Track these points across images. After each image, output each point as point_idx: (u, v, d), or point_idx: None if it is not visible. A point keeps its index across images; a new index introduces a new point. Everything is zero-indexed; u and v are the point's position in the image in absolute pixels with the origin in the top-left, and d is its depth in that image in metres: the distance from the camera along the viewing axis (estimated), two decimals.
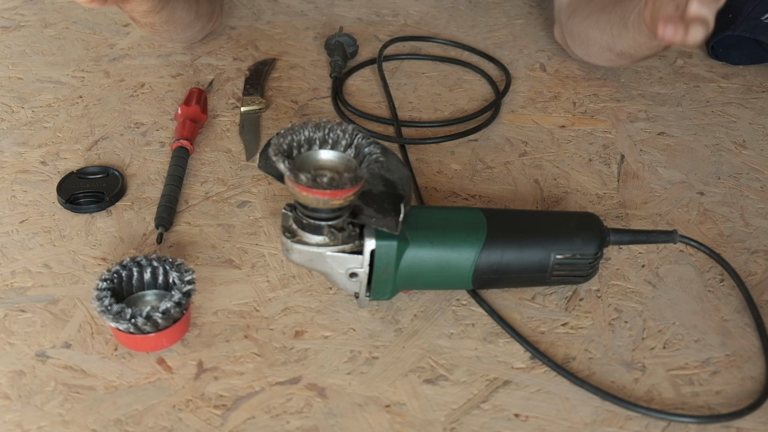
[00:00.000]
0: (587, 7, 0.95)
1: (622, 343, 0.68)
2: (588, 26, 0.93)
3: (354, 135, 0.63)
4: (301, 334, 0.68)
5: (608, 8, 0.90)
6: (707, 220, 0.80)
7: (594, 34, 0.92)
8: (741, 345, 0.68)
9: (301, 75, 1.01)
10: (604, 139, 0.91)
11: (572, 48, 1.00)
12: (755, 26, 1.00)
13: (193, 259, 0.75)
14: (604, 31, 0.89)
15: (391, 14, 1.15)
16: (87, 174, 0.83)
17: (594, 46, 0.94)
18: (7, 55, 1.04)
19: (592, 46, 0.94)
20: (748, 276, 0.74)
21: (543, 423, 0.61)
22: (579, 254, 0.68)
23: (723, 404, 0.63)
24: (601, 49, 0.92)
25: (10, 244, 0.76)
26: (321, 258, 0.64)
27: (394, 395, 0.63)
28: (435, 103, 0.97)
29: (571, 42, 1.00)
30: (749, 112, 0.96)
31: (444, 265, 0.66)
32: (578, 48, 0.98)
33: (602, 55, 0.94)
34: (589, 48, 0.96)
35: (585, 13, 0.95)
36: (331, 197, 0.60)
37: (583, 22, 0.95)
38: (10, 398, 0.62)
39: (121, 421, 0.60)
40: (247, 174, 0.85)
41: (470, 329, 0.69)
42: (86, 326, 0.68)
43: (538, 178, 0.85)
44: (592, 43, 0.94)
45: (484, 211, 0.69)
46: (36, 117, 0.93)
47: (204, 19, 1.01)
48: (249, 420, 0.61)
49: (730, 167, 0.87)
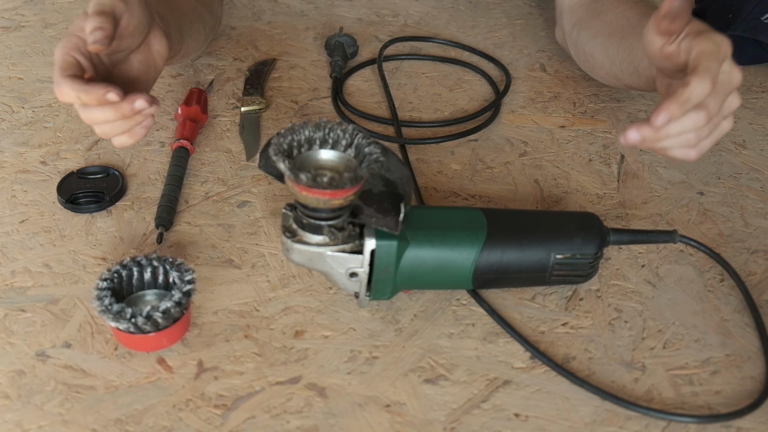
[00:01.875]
0: (593, 25, 0.90)
1: (622, 343, 0.68)
2: (594, 48, 0.89)
3: (354, 135, 0.63)
4: (301, 334, 0.68)
5: (616, 36, 0.85)
6: (707, 220, 0.80)
7: (601, 60, 0.89)
8: (741, 345, 0.68)
9: (301, 75, 1.01)
10: (604, 139, 0.91)
11: (575, 58, 0.98)
12: (755, 26, 1.00)
13: (193, 258, 0.75)
14: (613, 63, 0.85)
15: (391, 14, 1.15)
16: (87, 174, 0.83)
17: (599, 70, 0.91)
18: (7, 55, 1.04)
19: (598, 69, 0.91)
20: (748, 276, 0.74)
21: (543, 423, 0.61)
22: (579, 254, 0.68)
23: (723, 404, 0.63)
24: (607, 75, 0.89)
25: (10, 244, 0.76)
26: (321, 258, 0.64)
27: (394, 395, 0.63)
28: (435, 103, 0.97)
29: (575, 54, 0.97)
30: (749, 112, 0.96)
31: (444, 264, 0.66)
32: (582, 63, 0.96)
33: (607, 80, 0.90)
34: (594, 69, 0.92)
35: (591, 31, 0.90)
36: (331, 197, 0.60)
37: (590, 43, 0.91)
38: (10, 398, 0.62)
39: (121, 421, 0.60)
40: (247, 174, 0.85)
41: (470, 329, 0.69)
42: (86, 326, 0.68)
43: (538, 178, 0.85)
44: (597, 67, 0.91)
45: (484, 211, 0.69)
46: (36, 117, 0.93)
47: (209, 35, 1.01)
48: (249, 420, 0.61)
49: (730, 167, 0.87)
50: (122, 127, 0.70)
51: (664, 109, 0.61)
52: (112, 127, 0.70)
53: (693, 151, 0.67)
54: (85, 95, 0.67)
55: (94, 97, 0.67)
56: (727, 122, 0.67)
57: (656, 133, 0.62)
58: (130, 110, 0.68)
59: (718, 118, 0.66)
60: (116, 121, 0.69)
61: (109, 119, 0.69)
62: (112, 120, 0.69)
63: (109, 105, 0.68)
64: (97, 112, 0.68)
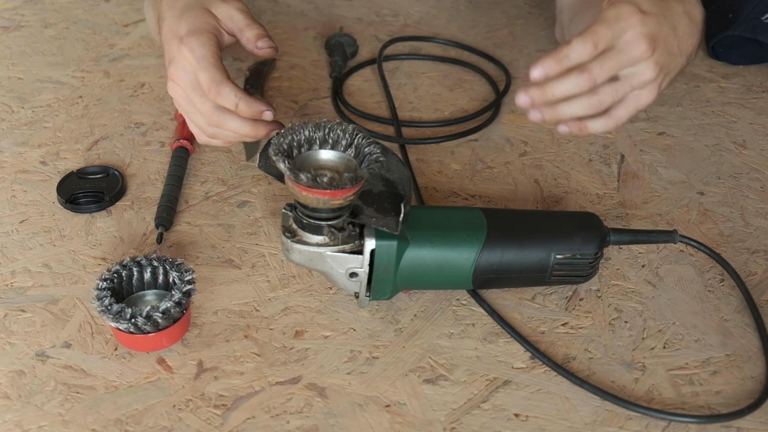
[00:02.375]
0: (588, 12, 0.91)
1: (622, 343, 0.68)
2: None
3: (354, 135, 0.63)
4: (301, 334, 0.68)
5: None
6: (707, 220, 0.80)
7: None
8: (741, 345, 0.68)
9: (301, 75, 1.01)
10: (604, 139, 0.91)
11: None
12: (755, 26, 1.00)
13: (193, 258, 0.75)
14: None
15: (391, 14, 1.15)
16: (87, 174, 0.83)
17: None
18: (7, 55, 1.04)
19: None
20: (748, 276, 0.74)
21: (543, 423, 0.61)
22: (579, 254, 0.68)
23: (723, 404, 0.63)
24: None
25: (10, 244, 0.76)
26: (321, 258, 0.64)
27: (394, 395, 0.63)
28: (435, 103, 0.97)
29: None
30: (749, 112, 0.96)
31: (444, 265, 0.66)
32: None
33: None
34: None
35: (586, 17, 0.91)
36: (331, 197, 0.60)
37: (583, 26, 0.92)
38: (10, 398, 0.62)
39: (121, 421, 0.60)
40: (247, 174, 0.85)
41: (470, 329, 0.69)
42: (86, 326, 0.68)
43: (538, 178, 0.85)
44: None
45: (484, 211, 0.69)
46: (36, 117, 0.93)
47: None
48: (249, 420, 0.61)
49: (730, 167, 0.87)
50: (239, 138, 0.73)
51: (540, 63, 0.62)
52: (233, 136, 0.73)
53: (607, 120, 0.67)
54: (246, 106, 0.69)
55: (253, 112, 0.70)
56: (646, 93, 0.68)
57: (542, 93, 0.63)
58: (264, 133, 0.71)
59: (621, 87, 0.66)
60: (245, 135, 0.72)
61: (242, 133, 0.71)
62: (242, 134, 0.72)
63: (249, 121, 0.70)
64: (234, 122, 0.71)
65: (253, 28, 0.73)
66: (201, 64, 0.69)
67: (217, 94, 0.69)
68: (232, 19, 0.74)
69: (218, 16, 0.73)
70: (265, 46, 0.74)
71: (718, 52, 1.05)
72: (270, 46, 0.74)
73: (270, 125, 0.72)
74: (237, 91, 0.69)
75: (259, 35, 0.73)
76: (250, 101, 0.69)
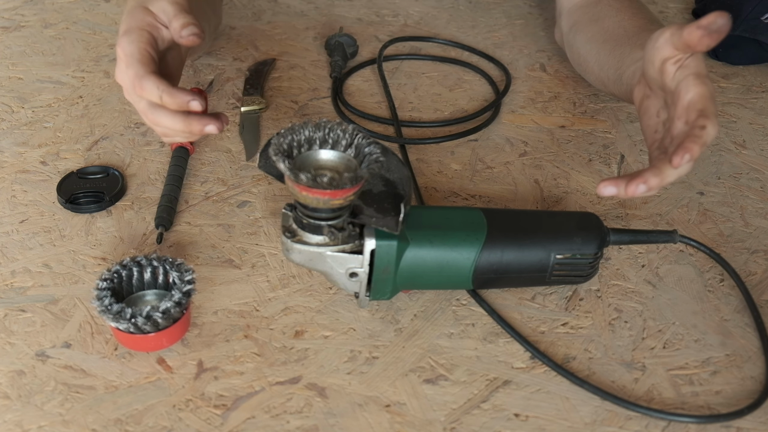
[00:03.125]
0: (590, 29, 0.91)
1: (622, 343, 0.68)
2: (588, 52, 0.89)
3: (354, 135, 0.63)
4: (301, 334, 0.68)
5: (610, 44, 0.85)
6: (707, 220, 0.80)
7: (592, 64, 0.89)
8: (741, 345, 0.68)
9: (301, 75, 1.01)
10: (604, 139, 0.91)
11: (570, 60, 0.98)
12: (755, 26, 1.00)
13: (193, 258, 0.75)
14: (602, 69, 0.85)
15: (391, 14, 1.15)
16: (87, 174, 0.83)
17: (590, 74, 0.91)
18: (7, 55, 1.04)
19: (588, 73, 0.91)
20: (748, 276, 0.74)
21: (543, 423, 0.61)
22: (579, 254, 0.68)
23: (723, 404, 0.63)
24: (596, 79, 0.89)
25: (10, 244, 0.76)
26: (321, 258, 0.64)
27: (394, 395, 0.63)
28: (435, 103, 0.97)
29: (570, 55, 0.97)
30: (749, 112, 0.96)
31: (444, 265, 0.66)
32: (575, 65, 0.96)
33: (596, 83, 0.90)
34: (585, 72, 0.93)
35: (587, 36, 0.91)
36: (331, 197, 0.60)
37: (584, 46, 0.91)
38: (10, 398, 0.62)
39: (121, 421, 0.60)
40: (247, 174, 0.85)
41: (470, 329, 0.69)
42: (86, 326, 0.68)
43: (538, 178, 0.85)
44: (588, 71, 0.91)
45: (484, 211, 0.69)
46: (36, 117, 0.93)
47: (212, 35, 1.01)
48: (249, 420, 0.61)
49: (730, 167, 0.87)
50: (183, 135, 0.73)
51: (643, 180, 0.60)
52: (174, 132, 0.72)
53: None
54: (169, 98, 0.68)
55: (178, 103, 0.68)
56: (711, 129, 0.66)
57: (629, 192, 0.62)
58: (198, 128, 0.70)
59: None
60: (180, 131, 0.71)
61: (176, 128, 0.70)
62: (178, 130, 0.71)
63: (180, 115, 0.69)
64: (166, 118, 0.70)
65: (180, 18, 0.72)
66: (128, 61, 0.69)
67: (141, 89, 0.68)
68: (164, 12, 0.73)
69: (154, 12, 0.73)
70: (187, 34, 0.71)
71: (718, 52, 1.05)
72: (192, 33, 0.71)
73: (204, 119, 0.70)
74: (159, 83, 0.67)
75: (185, 24, 0.72)
76: (173, 92, 0.68)
